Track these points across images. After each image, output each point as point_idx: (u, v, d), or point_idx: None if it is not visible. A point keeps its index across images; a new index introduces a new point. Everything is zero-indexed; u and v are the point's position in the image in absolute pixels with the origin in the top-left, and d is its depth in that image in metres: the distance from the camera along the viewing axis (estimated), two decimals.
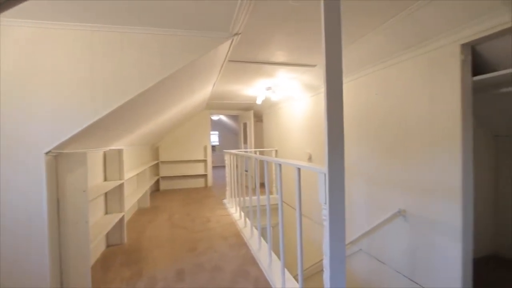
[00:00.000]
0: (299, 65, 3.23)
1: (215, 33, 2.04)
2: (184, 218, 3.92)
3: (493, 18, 1.67)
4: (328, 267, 1.28)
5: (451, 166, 1.98)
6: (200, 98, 4.85)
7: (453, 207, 1.97)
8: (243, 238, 3.00)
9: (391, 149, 2.55)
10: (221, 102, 6.01)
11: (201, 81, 3.46)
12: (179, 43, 1.98)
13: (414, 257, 2.29)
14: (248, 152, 5.32)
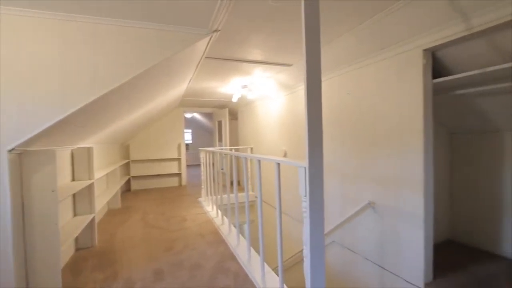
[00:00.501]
0: (275, 64, 3.30)
1: (194, 29, 2.02)
2: (158, 218, 3.82)
3: (450, 27, 1.86)
4: (309, 255, 1.35)
5: (415, 161, 2.16)
6: (175, 95, 4.73)
7: (416, 198, 2.16)
8: (221, 235, 3.01)
9: (362, 146, 2.72)
10: (196, 100, 5.92)
11: (176, 78, 3.39)
12: (156, 37, 1.93)
13: (383, 245, 2.48)
14: (224, 150, 5.31)
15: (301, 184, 1.38)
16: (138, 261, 2.45)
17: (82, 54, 1.77)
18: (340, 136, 3.00)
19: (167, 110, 6.30)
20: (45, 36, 1.69)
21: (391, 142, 2.39)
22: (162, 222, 3.63)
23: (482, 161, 2.66)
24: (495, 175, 2.56)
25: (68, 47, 1.74)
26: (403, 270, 2.27)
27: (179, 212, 4.11)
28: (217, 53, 2.85)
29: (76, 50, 1.76)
